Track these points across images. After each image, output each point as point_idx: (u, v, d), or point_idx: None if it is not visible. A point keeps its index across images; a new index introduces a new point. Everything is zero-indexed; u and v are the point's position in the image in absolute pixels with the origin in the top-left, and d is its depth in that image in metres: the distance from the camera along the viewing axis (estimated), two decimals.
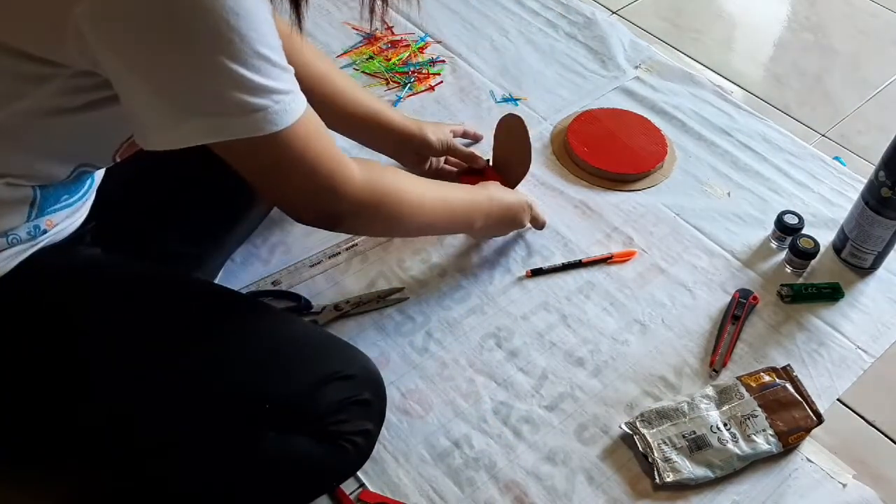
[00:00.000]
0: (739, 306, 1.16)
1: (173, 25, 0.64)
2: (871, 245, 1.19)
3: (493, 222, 1.13)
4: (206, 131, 0.69)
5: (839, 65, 1.65)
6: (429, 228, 1.07)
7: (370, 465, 0.96)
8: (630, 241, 1.25)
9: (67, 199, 0.82)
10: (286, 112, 0.71)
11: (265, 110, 0.70)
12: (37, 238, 0.80)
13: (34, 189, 0.78)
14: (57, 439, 0.82)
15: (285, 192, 0.82)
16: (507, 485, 0.97)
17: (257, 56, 0.67)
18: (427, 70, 1.51)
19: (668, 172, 1.36)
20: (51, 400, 0.79)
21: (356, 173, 0.84)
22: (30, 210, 0.78)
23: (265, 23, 0.68)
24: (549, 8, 1.67)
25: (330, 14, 1.60)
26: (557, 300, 1.17)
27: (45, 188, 0.79)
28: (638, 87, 1.51)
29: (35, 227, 0.79)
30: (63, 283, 0.82)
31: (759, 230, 1.28)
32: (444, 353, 1.09)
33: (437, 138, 1.22)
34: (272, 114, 0.70)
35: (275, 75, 0.70)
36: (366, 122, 1.15)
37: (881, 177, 1.12)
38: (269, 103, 0.70)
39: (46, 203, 0.80)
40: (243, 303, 0.96)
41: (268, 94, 0.69)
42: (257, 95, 0.69)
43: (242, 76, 0.67)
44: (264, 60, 0.68)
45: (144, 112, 0.69)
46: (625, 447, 1.01)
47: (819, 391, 1.08)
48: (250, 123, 0.70)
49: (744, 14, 1.79)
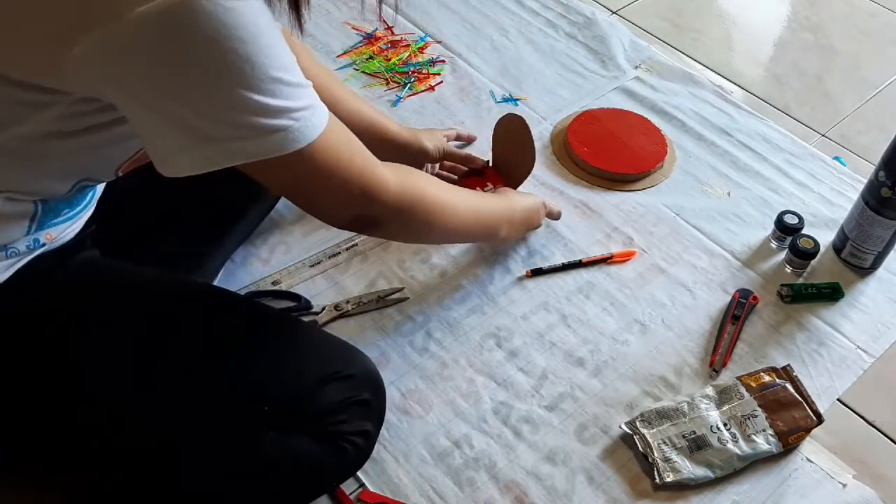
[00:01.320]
0: (739, 306, 1.16)
1: (180, 59, 0.62)
2: (871, 245, 1.19)
3: (514, 229, 1.15)
4: (225, 155, 0.68)
5: (839, 65, 1.65)
6: (460, 235, 1.07)
7: (370, 465, 0.96)
8: (630, 241, 1.25)
9: (68, 213, 0.82)
10: (308, 128, 0.70)
11: (285, 130, 0.68)
12: (35, 250, 0.79)
13: (35, 203, 0.77)
14: (57, 440, 0.83)
15: (320, 202, 0.81)
16: (507, 485, 0.98)
17: (270, 80, 0.66)
18: (427, 70, 1.50)
19: (668, 172, 1.36)
20: (50, 401, 0.79)
21: (389, 178, 0.83)
22: (30, 224, 0.78)
23: (275, 44, 0.66)
24: (549, 8, 1.67)
25: (330, 14, 1.60)
26: (557, 300, 1.17)
27: (47, 202, 0.78)
28: (638, 87, 1.51)
29: (34, 240, 0.79)
30: (61, 288, 0.82)
31: (759, 230, 1.28)
32: (444, 353, 1.09)
33: (433, 145, 1.22)
34: (294, 132, 0.69)
35: (291, 94, 0.68)
36: (364, 132, 1.14)
37: (881, 177, 1.12)
38: (289, 122, 0.68)
39: (47, 217, 0.79)
40: (242, 304, 0.96)
41: (286, 114, 0.68)
42: (275, 118, 0.67)
43: (258, 102, 0.65)
44: (278, 83, 0.66)
45: (158, 141, 0.68)
46: (625, 447, 1.01)
47: (819, 391, 1.08)
48: (273, 144, 0.68)
49: (744, 14, 1.79)
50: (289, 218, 1.23)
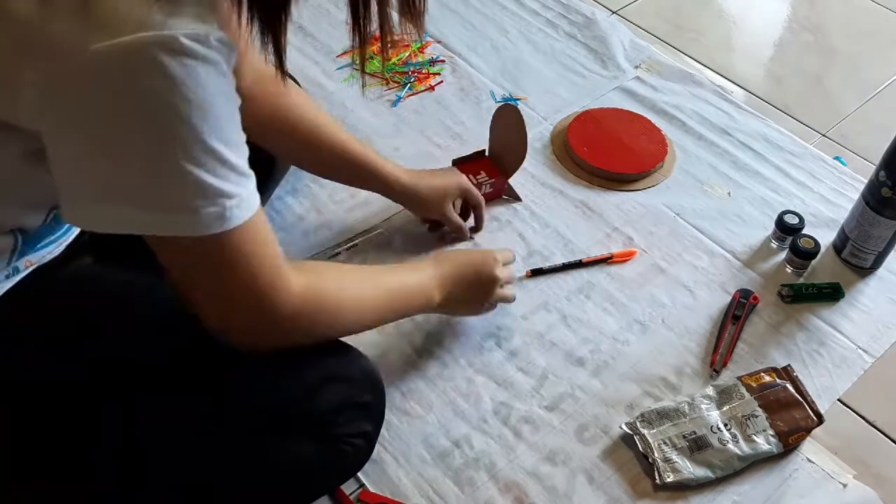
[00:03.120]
0: (740, 306, 1.16)
1: (122, 101, 0.59)
2: (871, 245, 1.19)
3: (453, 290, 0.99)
4: (133, 222, 0.64)
5: (839, 65, 1.65)
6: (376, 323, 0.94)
7: (370, 465, 0.96)
8: (630, 241, 1.25)
9: (49, 238, 0.81)
10: (223, 218, 0.65)
11: (197, 212, 0.63)
12: (13, 277, 0.79)
13: (14, 234, 0.76)
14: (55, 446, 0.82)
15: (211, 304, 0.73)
16: (507, 485, 0.97)
17: (205, 150, 0.62)
18: (427, 70, 1.50)
19: (669, 172, 1.36)
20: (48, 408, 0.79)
21: (293, 282, 0.76)
22: (10, 256, 0.77)
23: (224, 117, 0.63)
24: (549, 8, 1.67)
25: (330, 14, 1.60)
26: (557, 300, 1.16)
27: (26, 233, 0.78)
28: (638, 87, 1.51)
29: (14, 268, 0.79)
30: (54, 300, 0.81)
31: (760, 230, 1.28)
32: (444, 353, 1.09)
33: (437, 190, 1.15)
34: (205, 216, 0.64)
35: (224, 175, 0.64)
36: (345, 165, 1.10)
37: (881, 177, 1.12)
38: (205, 204, 0.63)
39: (28, 247, 0.78)
40: None
41: (209, 196, 0.63)
42: (197, 196, 0.63)
43: (181, 169, 0.61)
44: (212, 156, 0.63)
45: (71, 183, 0.64)
46: (625, 447, 1.01)
47: (819, 391, 1.08)
48: (179, 223, 0.64)
49: (744, 14, 1.79)
50: (288, 219, 1.23)
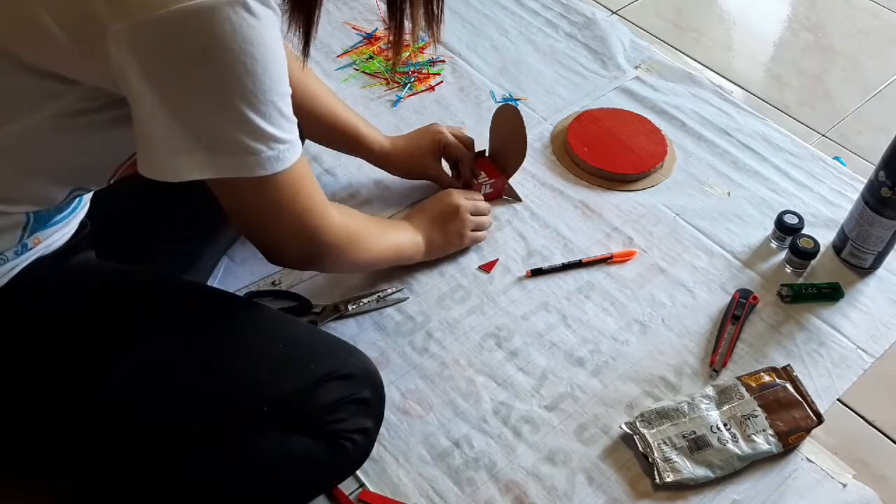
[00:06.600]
0: (739, 306, 1.16)
1: (196, 57, 0.65)
2: (871, 245, 1.19)
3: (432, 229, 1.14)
4: (203, 166, 0.70)
5: (839, 65, 1.65)
6: (381, 264, 1.09)
7: (370, 464, 0.96)
8: (630, 241, 1.25)
9: (58, 218, 0.82)
10: (279, 160, 0.73)
11: (260, 154, 0.71)
12: (22, 255, 0.79)
13: (27, 215, 0.78)
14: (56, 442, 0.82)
15: (268, 233, 0.83)
16: (507, 485, 0.97)
17: (267, 103, 0.69)
18: (427, 70, 1.50)
19: (668, 172, 1.36)
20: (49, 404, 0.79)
21: (335, 216, 0.87)
22: (21, 233, 0.78)
23: (281, 72, 0.70)
24: (549, 8, 1.67)
25: (330, 14, 1.60)
26: (557, 300, 1.17)
27: (39, 212, 0.79)
28: (638, 87, 1.51)
29: (23, 245, 0.79)
30: (57, 292, 0.82)
31: (759, 230, 1.28)
32: (444, 353, 1.09)
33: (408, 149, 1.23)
34: (265, 159, 0.72)
35: (280, 124, 0.72)
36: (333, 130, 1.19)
37: (881, 177, 1.12)
38: (267, 149, 0.71)
39: (38, 225, 0.80)
40: (239, 303, 0.96)
41: (268, 140, 0.71)
42: (258, 141, 0.70)
43: (249, 120, 0.69)
44: (273, 108, 0.70)
45: (157, 137, 0.69)
46: (625, 447, 1.01)
47: (819, 391, 1.08)
48: (245, 165, 0.71)
49: (744, 14, 1.79)
50: None
